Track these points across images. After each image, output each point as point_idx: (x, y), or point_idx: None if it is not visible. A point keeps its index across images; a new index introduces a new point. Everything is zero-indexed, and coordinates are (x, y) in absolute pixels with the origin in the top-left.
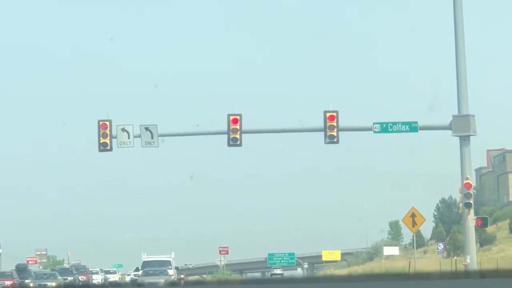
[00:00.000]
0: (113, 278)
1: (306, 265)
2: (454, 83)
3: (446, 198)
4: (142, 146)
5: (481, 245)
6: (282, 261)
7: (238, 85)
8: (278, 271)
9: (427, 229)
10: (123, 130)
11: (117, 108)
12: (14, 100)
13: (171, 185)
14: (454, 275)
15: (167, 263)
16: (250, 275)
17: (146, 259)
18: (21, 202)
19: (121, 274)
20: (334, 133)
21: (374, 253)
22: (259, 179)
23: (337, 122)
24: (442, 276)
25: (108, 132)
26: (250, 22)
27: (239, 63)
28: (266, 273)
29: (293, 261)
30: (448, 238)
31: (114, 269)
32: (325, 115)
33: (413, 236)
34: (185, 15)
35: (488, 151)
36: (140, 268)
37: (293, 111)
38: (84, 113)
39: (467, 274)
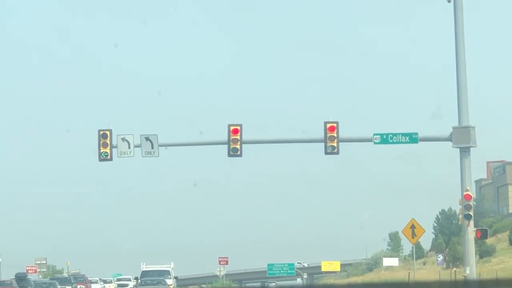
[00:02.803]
0: (108, 287)
1: (305, 276)
2: (455, 94)
3: (446, 209)
4: (142, 156)
5: (481, 256)
6: (281, 271)
7: (239, 95)
8: (272, 284)
9: (426, 241)
10: (123, 139)
11: (119, 115)
12: (16, 105)
13: (172, 194)
14: (454, 285)
15: (166, 273)
16: (250, 285)
17: (145, 269)
18: (21, 211)
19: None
20: (335, 144)
21: (374, 264)
22: (260, 189)
23: (337, 133)
24: (441, 285)
25: (108, 141)
26: (252, 33)
27: (240, 73)
28: (265, 283)
29: (293, 271)
30: (447, 250)
31: (110, 278)
32: (325, 126)
33: (412, 247)
34: (186, 25)
35: (488, 162)
36: (139, 277)
37: (295, 122)
38: (86, 120)
39: (466, 284)
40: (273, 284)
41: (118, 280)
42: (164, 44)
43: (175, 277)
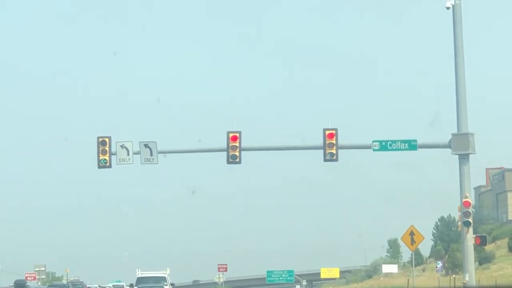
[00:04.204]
0: None
1: (304, 283)
2: (454, 101)
3: (445, 216)
4: (141, 163)
5: (480, 263)
6: (280, 278)
7: (238, 102)
8: None
9: (426, 247)
10: (122, 147)
11: (118, 122)
12: (15, 113)
13: (171, 200)
14: None
15: (162, 279)
16: None
17: (140, 275)
18: (20, 218)
19: None
20: (334, 151)
21: (373, 270)
22: (259, 196)
23: (336, 140)
24: None
25: (107, 148)
26: (251, 38)
27: (240, 80)
28: None
29: (292, 278)
30: (447, 257)
31: (110, 285)
32: (324, 133)
33: (411, 254)
34: (186, 33)
35: (487, 169)
36: (134, 284)
37: (294, 128)
38: (85, 128)
39: None
40: None
41: (113, 287)
42: (163, 50)
43: (172, 284)
